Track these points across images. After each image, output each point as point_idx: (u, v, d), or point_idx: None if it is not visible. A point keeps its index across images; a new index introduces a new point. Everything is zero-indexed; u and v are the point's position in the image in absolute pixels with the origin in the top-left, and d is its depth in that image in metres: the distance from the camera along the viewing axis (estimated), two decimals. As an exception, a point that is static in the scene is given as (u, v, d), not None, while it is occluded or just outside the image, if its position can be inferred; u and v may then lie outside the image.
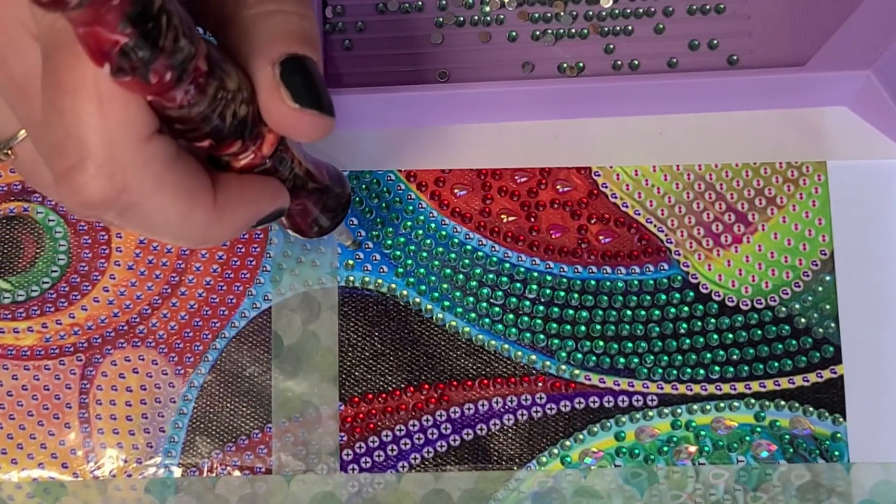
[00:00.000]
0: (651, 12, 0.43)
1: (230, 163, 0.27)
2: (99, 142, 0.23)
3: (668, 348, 0.41)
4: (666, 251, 0.41)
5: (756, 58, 0.42)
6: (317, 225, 0.34)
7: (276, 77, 0.26)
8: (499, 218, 0.42)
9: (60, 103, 0.23)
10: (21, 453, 0.40)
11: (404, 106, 0.40)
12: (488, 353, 0.41)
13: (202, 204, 0.26)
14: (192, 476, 0.40)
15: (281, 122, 0.27)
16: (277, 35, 0.27)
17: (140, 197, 0.24)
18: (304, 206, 0.32)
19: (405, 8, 0.43)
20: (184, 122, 0.25)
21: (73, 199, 0.24)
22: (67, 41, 0.23)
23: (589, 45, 0.43)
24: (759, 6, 0.43)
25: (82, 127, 0.23)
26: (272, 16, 0.27)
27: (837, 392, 0.40)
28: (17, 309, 0.41)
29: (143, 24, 0.21)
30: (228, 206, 0.27)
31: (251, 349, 0.41)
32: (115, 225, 0.26)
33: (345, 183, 0.34)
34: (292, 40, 0.27)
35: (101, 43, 0.21)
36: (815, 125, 0.42)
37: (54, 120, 0.24)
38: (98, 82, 0.23)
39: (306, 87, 0.26)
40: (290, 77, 0.26)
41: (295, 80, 0.26)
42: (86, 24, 0.21)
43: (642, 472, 0.40)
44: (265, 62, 0.26)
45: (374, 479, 0.40)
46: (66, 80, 0.23)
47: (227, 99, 0.25)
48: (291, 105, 0.26)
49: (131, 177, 0.24)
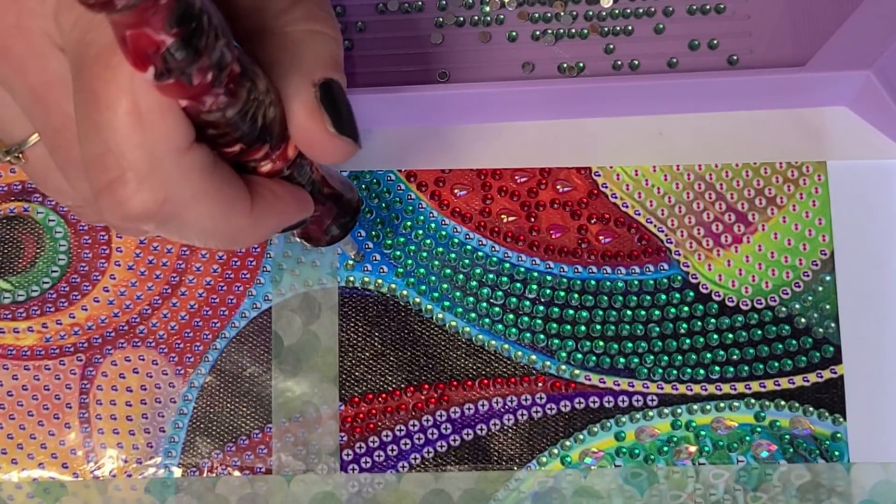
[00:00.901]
0: (651, 12, 0.43)
1: (255, 169, 0.27)
2: (140, 155, 0.23)
3: (668, 348, 0.41)
4: (666, 251, 0.41)
5: (756, 58, 0.42)
6: (328, 234, 0.34)
7: (317, 99, 0.26)
8: (499, 218, 0.42)
9: (98, 118, 0.23)
10: (21, 453, 0.40)
11: (404, 106, 0.40)
12: (488, 353, 0.41)
13: (239, 212, 0.26)
14: (192, 476, 0.40)
15: (312, 144, 0.27)
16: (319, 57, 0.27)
17: (181, 207, 0.25)
18: (318, 214, 0.32)
19: (405, 8, 0.43)
20: (217, 126, 0.25)
21: (116, 213, 0.24)
22: (101, 54, 0.23)
23: (589, 45, 0.43)
24: (760, 6, 0.43)
25: (122, 141, 0.23)
26: (316, 36, 0.27)
27: (837, 392, 0.40)
28: (17, 309, 0.41)
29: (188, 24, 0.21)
30: (263, 214, 0.27)
31: (251, 349, 0.41)
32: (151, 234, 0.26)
33: (354, 191, 0.34)
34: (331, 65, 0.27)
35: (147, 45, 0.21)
36: (815, 125, 0.42)
37: (91, 135, 0.23)
38: (136, 95, 0.23)
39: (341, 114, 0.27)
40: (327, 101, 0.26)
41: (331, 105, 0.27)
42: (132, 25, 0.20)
43: (642, 472, 0.40)
44: (307, 82, 0.26)
45: (374, 479, 0.40)
46: (103, 95, 0.23)
47: (258, 101, 0.25)
48: (330, 130, 0.27)
49: (172, 188, 0.24)
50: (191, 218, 0.25)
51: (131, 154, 0.23)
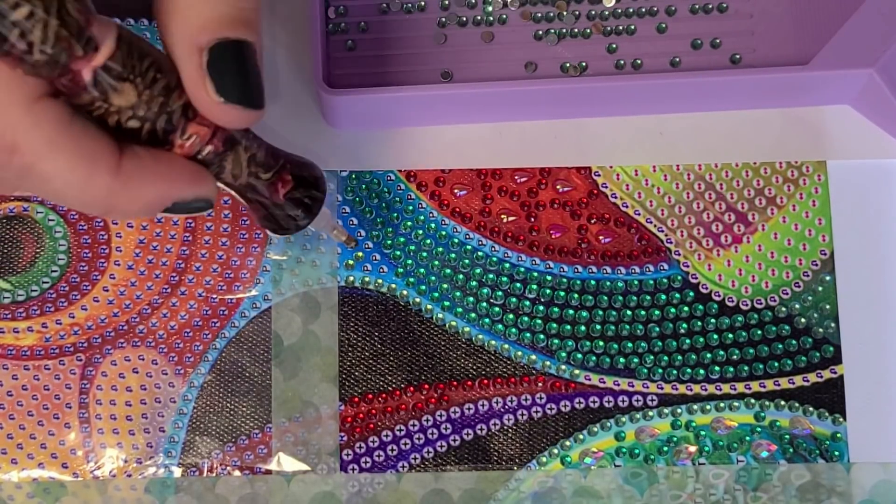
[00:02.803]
0: (654, 11, 0.42)
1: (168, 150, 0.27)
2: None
3: (668, 348, 0.41)
4: (666, 251, 0.41)
5: (759, 57, 0.42)
6: (292, 221, 0.33)
7: (203, 66, 0.25)
8: (499, 218, 0.41)
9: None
10: (21, 453, 0.40)
11: (408, 106, 0.40)
12: (488, 353, 0.41)
13: (103, 168, 0.25)
14: (192, 476, 0.40)
15: (206, 112, 0.26)
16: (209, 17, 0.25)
17: (34, 158, 0.24)
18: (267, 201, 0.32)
19: (408, 8, 0.42)
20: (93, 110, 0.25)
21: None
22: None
23: (591, 45, 0.42)
24: (762, 5, 0.42)
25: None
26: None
27: (837, 392, 0.40)
28: (17, 309, 0.41)
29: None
30: (136, 177, 0.26)
31: (251, 349, 0.41)
32: (21, 190, 0.26)
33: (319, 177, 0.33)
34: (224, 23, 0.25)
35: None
36: (816, 124, 0.42)
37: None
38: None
39: (234, 79, 0.25)
40: (218, 66, 0.25)
41: (223, 69, 0.25)
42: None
43: (642, 472, 0.40)
44: (192, 47, 0.25)
45: (374, 479, 0.40)
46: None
47: (107, 110, 0.25)
48: (214, 98, 0.26)
49: (22, 138, 0.24)
50: (48, 171, 0.25)
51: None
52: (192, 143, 0.27)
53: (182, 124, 0.27)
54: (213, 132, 0.28)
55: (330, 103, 0.39)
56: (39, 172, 0.25)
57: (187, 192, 0.28)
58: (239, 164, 0.29)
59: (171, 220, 0.41)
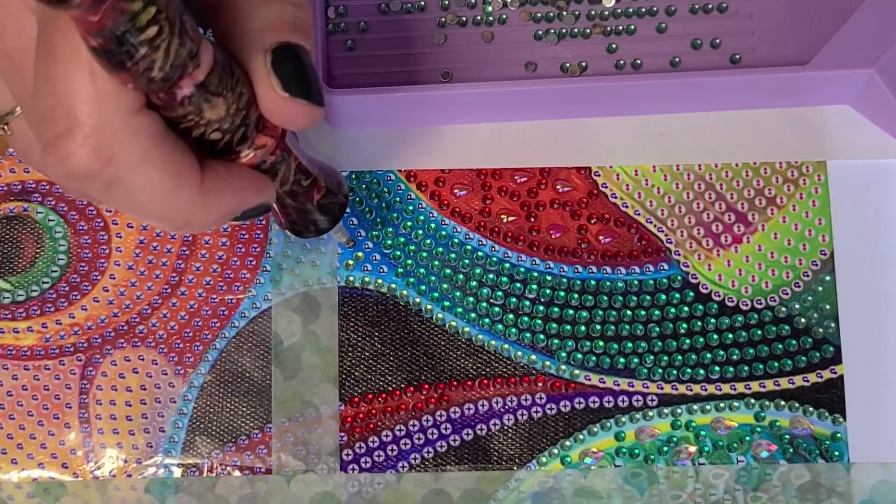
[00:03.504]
0: (653, 11, 0.42)
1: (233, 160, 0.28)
2: (88, 110, 0.23)
3: (668, 348, 0.41)
4: (666, 251, 0.41)
5: (759, 57, 0.42)
6: (314, 225, 0.34)
7: (267, 65, 0.26)
8: (499, 218, 0.41)
9: (52, 71, 0.23)
10: (21, 453, 0.40)
11: (408, 106, 0.40)
12: (488, 353, 0.41)
13: (188, 184, 0.26)
14: (192, 476, 0.40)
15: (272, 111, 0.27)
16: (270, 23, 0.26)
17: (126, 171, 0.24)
18: (302, 206, 0.32)
19: (407, 8, 0.42)
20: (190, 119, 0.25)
21: (58, 169, 0.24)
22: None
23: (591, 45, 0.42)
24: (762, 5, 0.42)
25: (73, 95, 0.23)
26: (266, 4, 0.27)
27: (837, 392, 0.40)
28: (17, 309, 0.41)
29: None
30: (215, 191, 0.26)
31: (251, 349, 0.41)
32: (99, 201, 0.26)
33: (343, 184, 0.34)
34: (284, 28, 0.27)
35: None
36: (815, 124, 0.42)
37: (45, 88, 0.23)
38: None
39: (297, 76, 0.27)
40: (282, 66, 0.26)
41: (286, 68, 0.26)
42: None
43: (642, 472, 0.40)
44: (258, 51, 0.26)
45: (374, 479, 0.40)
46: (60, 48, 0.23)
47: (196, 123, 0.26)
48: (281, 94, 0.26)
49: (118, 149, 0.24)
50: (137, 184, 0.25)
51: (80, 108, 0.23)
52: (259, 153, 0.28)
53: (253, 136, 0.27)
54: (276, 143, 0.28)
55: (330, 103, 0.39)
56: (128, 185, 0.25)
57: (255, 200, 0.29)
58: (289, 171, 0.30)
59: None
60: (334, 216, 0.34)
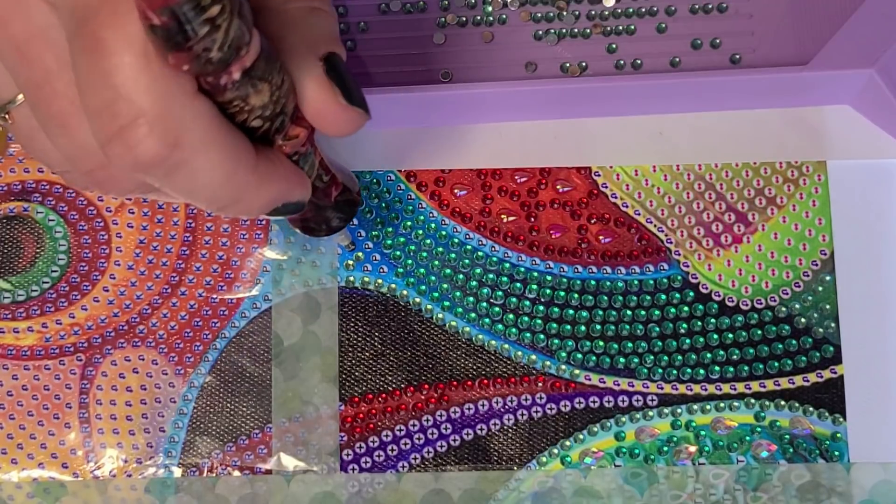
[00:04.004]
0: (653, 11, 0.42)
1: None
2: (150, 98, 0.23)
3: (668, 348, 0.41)
4: (666, 251, 0.41)
5: (759, 57, 0.42)
6: (327, 224, 0.34)
7: (325, 73, 0.27)
8: (499, 218, 0.41)
9: (105, 65, 0.23)
10: (21, 453, 0.40)
11: (408, 107, 0.40)
12: (488, 353, 0.41)
13: (245, 165, 0.26)
14: (192, 476, 0.40)
15: (323, 116, 0.27)
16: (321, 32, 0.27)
17: (191, 153, 0.25)
18: (320, 203, 0.32)
19: (408, 8, 0.42)
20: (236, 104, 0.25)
21: (126, 159, 0.24)
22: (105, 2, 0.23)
23: (591, 45, 0.42)
24: (762, 5, 0.42)
25: (132, 85, 0.23)
26: (315, 13, 0.27)
27: (837, 392, 0.40)
28: (17, 309, 0.41)
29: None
30: (266, 174, 0.27)
31: (251, 349, 0.41)
32: (157, 187, 0.26)
33: (355, 182, 0.34)
34: (332, 39, 0.28)
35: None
36: (815, 124, 0.42)
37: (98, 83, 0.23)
38: (145, 40, 0.23)
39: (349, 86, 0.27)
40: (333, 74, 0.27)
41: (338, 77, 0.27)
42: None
43: (642, 472, 0.40)
44: (313, 57, 0.27)
45: (374, 479, 0.40)
46: (111, 41, 0.23)
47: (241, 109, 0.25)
48: (342, 102, 0.27)
49: (183, 132, 0.24)
50: (200, 166, 0.25)
51: (141, 98, 0.23)
52: (292, 144, 0.28)
53: (288, 126, 0.28)
54: (308, 134, 0.28)
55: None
56: (192, 167, 0.25)
57: (297, 193, 0.29)
58: (313, 167, 0.30)
59: (171, 221, 0.41)
60: (347, 215, 0.34)
